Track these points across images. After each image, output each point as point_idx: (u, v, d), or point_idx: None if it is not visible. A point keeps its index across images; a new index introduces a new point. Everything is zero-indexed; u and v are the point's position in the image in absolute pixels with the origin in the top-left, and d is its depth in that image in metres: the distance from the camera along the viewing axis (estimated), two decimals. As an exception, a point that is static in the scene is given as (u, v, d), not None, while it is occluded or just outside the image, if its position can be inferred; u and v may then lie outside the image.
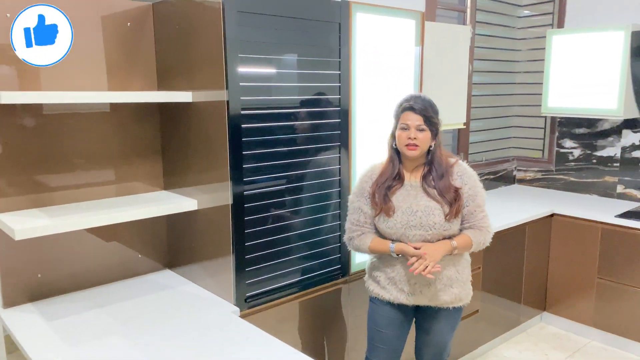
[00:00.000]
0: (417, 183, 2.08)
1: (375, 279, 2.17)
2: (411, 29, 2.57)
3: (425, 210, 2.02)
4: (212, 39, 1.95)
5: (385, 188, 2.07)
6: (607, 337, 3.53)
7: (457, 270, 2.12)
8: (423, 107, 2.01)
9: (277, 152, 2.15)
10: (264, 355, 1.72)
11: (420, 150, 2.03)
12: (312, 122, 2.26)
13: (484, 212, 2.12)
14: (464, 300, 2.16)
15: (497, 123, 4.42)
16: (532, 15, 4.36)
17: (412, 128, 2.01)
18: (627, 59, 3.41)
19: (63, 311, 2.02)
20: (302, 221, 2.29)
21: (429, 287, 2.07)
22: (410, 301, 2.10)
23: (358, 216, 2.13)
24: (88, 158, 2.16)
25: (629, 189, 3.86)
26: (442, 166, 2.06)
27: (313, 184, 2.30)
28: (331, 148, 2.33)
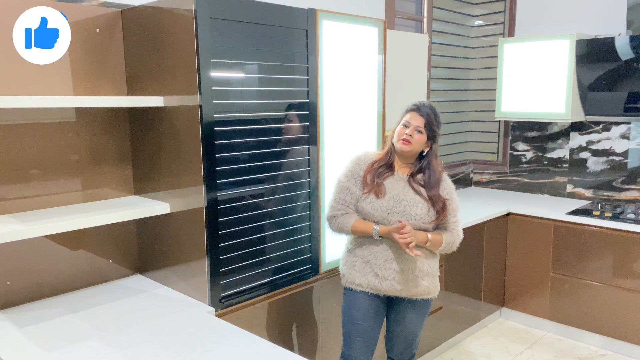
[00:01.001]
0: (404, 177, 2.21)
1: (351, 264, 2.25)
2: (374, 36, 2.67)
3: (411, 202, 2.15)
4: (184, 44, 1.99)
5: (379, 172, 2.19)
6: (562, 328, 3.72)
7: (429, 264, 2.23)
8: (428, 113, 2.17)
9: (250, 155, 2.20)
10: (243, 350, 1.76)
11: (412, 148, 2.16)
12: (283, 126, 2.32)
13: (456, 217, 2.26)
14: (432, 293, 2.27)
15: (454, 128, 4.60)
16: (485, 25, 4.57)
17: (411, 127, 2.16)
18: (573, 66, 3.63)
19: (35, 318, 2.00)
20: (275, 222, 2.34)
21: (402, 275, 2.17)
22: (383, 287, 2.18)
23: (345, 195, 2.22)
24: (53, 167, 2.15)
25: (577, 188, 4.09)
26: (436, 175, 2.21)
27: (284, 186, 2.36)
28: (301, 150, 2.40)
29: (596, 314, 3.52)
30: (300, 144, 2.39)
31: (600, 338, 3.54)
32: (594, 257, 3.49)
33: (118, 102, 2.14)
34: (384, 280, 2.18)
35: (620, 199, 3.87)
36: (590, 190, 4.02)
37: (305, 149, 2.41)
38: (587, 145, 4.00)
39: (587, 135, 3.99)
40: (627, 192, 3.84)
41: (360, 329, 2.26)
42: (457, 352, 3.53)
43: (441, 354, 3.48)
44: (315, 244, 2.52)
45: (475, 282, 3.70)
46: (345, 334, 2.30)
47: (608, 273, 3.44)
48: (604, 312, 3.49)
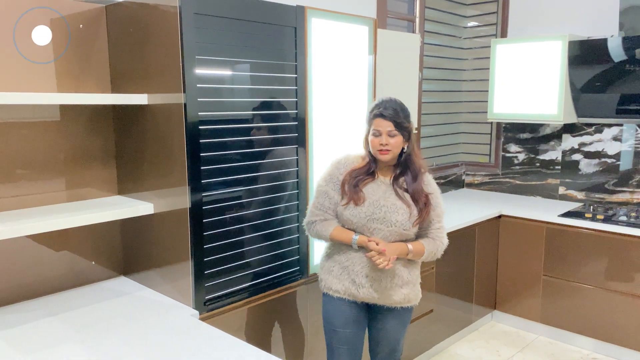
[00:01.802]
0: (387, 181, 2.13)
1: (329, 269, 2.18)
2: (364, 35, 2.64)
3: (391, 208, 2.07)
4: (168, 41, 1.94)
5: (357, 180, 2.10)
6: (553, 331, 3.69)
7: (409, 271, 2.16)
8: (393, 113, 2.04)
9: (236, 154, 2.16)
10: (228, 355, 1.71)
11: (392, 154, 2.08)
12: (270, 125, 2.28)
13: (441, 223, 2.18)
14: (412, 302, 2.20)
15: (446, 129, 4.57)
16: (477, 26, 4.55)
17: (383, 134, 2.05)
18: (565, 67, 3.61)
19: (13, 321, 1.94)
20: (261, 223, 2.30)
21: (380, 282, 2.10)
22: (360, 294, 2.11)
23: (323, 200, 2.14)
24: (35, 166, 2.10)
25: (570, 190, 4.07)
26: (416, 168, 2.12)
27: (272, 186, 2.31)
28: (289, 150, 2.36)
29: (588, 317, 3.50)
30: (288, 144, 2.35)
31: (592, 341, 3.52)
32: (586, 260, 3.46)
33: (101, 100, 2.09)
34: (361, 287, 2.10)
35: (613, 201, 3.85)
36: (583, 193, 4.00)
37: (294, 149, 2.37)
38: (580, 147, 3.98)
39: (580, 137, 3.97)
40: (619, 194, 3.82)
41: (342, 337, 2.19)
42: (448, 356, 3.49)
43: (432, 358, 3.44)
44: (303, 246, 2.47)
45: (466, 285, 3.67)
46: (328, 341, 2.24)
47: (600, 276, 3.42)
48: (595, 315, 3.46)
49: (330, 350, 2.24)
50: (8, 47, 1.97)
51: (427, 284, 3.25)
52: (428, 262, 3.18)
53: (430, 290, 3.29)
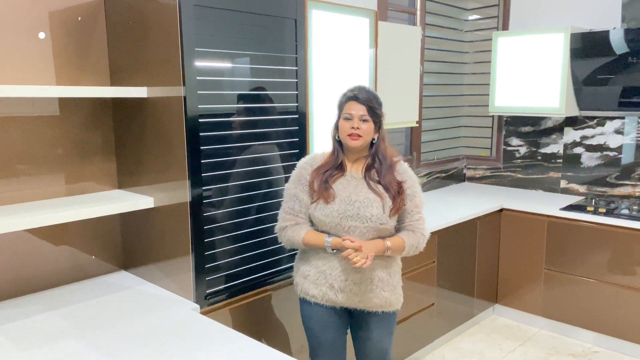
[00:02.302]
0: (359, 175, 2.04)
1: (304, 274, 2.08)
2: (365, 27, 2.62)
3: (364, 202, 1.98)
4: (168, 33, 1.92)
5: (326, 176, 2.02)
6: (555, 325, 3.69)
7: (389, 274, 2.06)
8: (367, 98, 1.98)
9: (236, 148, 2.14)
10: (228, 348, 1.70)
11: (363, 141, 1.99)
12: (270, 118, 2.26)
13: (420, 213, 2.08)
14: (394, 306, 2.10)
15: (447, 123, 4.55)
16: (479, 18, 4.52)
17: (355, 118, 1.97)
18: (567, 59, 3.59)
19: (12, 315, 1.93)
20: (262, 217, 2.29)
21: (359, 286, 2.01)
22: (339, 299, 2.02)
23: (293, 204, 2.05)
24: (34, 161, 2.08)
25: (571, 183, 4.05)
26: (387, 160, 2.04)
27: (272, 180, 2.30)
28: (289, 143, 2.34)
29: (589, 310, 3.49)
30: (289, 137, 2.33)
31: (594, 335, 3.51)
32: (588, 253, 3.45)
33: (100, 93, 2.07)
34: (340, 292, 2.01)
35: (614, 194, 3.84)
36: (584, 186, 3.98)
37: (295, 142, 2.35)
38: (581, 141, 3.96)
39: (581, 130, 3.95)
40: (621, 187, 3.81)
41: (323, 341, 2.12)
42: (449, 349, 3.48)
43: (433, 351, 3.44)
44: (305, 240, 2.46)
45: (467, 279, 3.66)
46: (310, 346, 2.18)
47: (602, 269, 3.41)
48: (597, 309, 3.46)
49: (314, 354, 2.16)
50: (7, 40, 1.95)
51: (428, 277, 3.25)
52: (429, 256, 3.19)
53: (431, 284, 3.28)
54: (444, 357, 3.39)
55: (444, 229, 3.27)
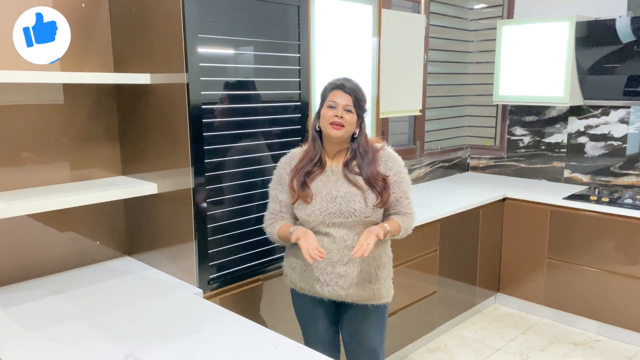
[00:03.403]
0: (338, 169, 1.99)
1: (292, 265, 2.09)
2: (368, 15, 2.61)
3: (346, 197, 1.94)
4: (171, 19, 1.93)
5: (304, 174, 1.98)
6: (556, 314, 3.70)
7: (377, 266, 2.02)
8: (353, 89, 1.95)
9: (239, 134, 2.15)
10: (230, 332, 1.72)
11: (345, 131, 1.94)
12: (272, 105, 2.27)
13: (409, 198, 2.04)
14: (384, 298, 2.06)
15: (451, 112, 4.54)
16: (484, 7, 4.50)
17: (339, 107, 1.92)
18: (572, 48, 3.57)
19: (19, 299, 1.96)
20: (265, 203, 2.29)
21: (346, 279, 1.97)
22: (325, 292, 1.99)
23: (274, 205, 2.06)
24: (39, 149, 2.10)
25: (575, 173, 4.05)
26: (369, 154, 1.98)
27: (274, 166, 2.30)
28: (292, 131, 2.35)
29: (591, 299, 3.50)
30: (292, 124, 2.34)
31: (595, 324, 3.52)
32: (590, 243, 3.46)
33: (103, 79, 2.08)
34: (326, 285, 1.97)
35: (618, 184, 3.83)
36: (588, 176, 3.98)
37: (297, 129, 2.36)
38: (586, 130, 3.95)
39: (586, 119, 3.94)
40: (625, 177, 3.80)
41: (313, 331, 2.15)
42: (450, 337, 3.51)
43: (435, 339, 3.46)
44: (307, 227, 2.47)
45: (470, 268, 3.67)
46: (304, 335, 2.20)
47: (604, 259, 3.41)
48: (599, 298, 3.46)
49: (308, 342, 2.17)
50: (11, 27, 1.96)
51: (431, 266, 3.26)
52: (431, 245, 3.20)
53: (433, 272, 3.30)
54: (446, 344, 3.41)
55: (447, 218, 3.28)
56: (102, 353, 1.58)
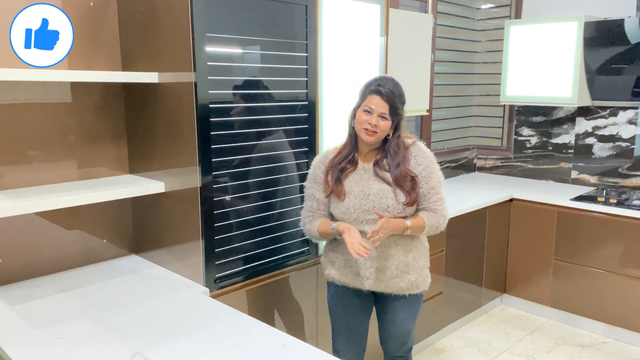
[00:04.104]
0: (369, 167, 2.05)
1: (332, 260, 2.15)
2: (376, 14, 2.61)
3: (378, 194, 1.99)
4: (179, 18, 1.93)
5: (339, 171, 2.04)
6: (563, 315, 3.68)
7: (415, 257, 2.08)
8: (391, 95, 1.96)
9: (246, 133, 2.15)
10: (236, 330, 1.73)
11: (377, 137, 1.99)
12: (280, 104, 2.27)
13: (438, 194, 2.06)
14: (420, 287, 2.12)
15: (458, 112, 4.53)
16: (491, 7, 4.48)
17: (375, 114, 1.96)
18: (581, 49, 3.55)
19: (26, 296, 1.97)
20: (271, 203, 2.30)
21: (385, 272, 2.04)
22: (365, 286, 2.07)
23: (311, 203, 2.12)
24: (47, 147, 2.11)
25: (582, 174, 4.02)
26: (399, 154, 2.01)
27: (282, 166, 2.31)
28: (299, 130, 2.35)
29: (598, 301, 3.48)
30: (298, 124, 2.34)
31: (602, 325, 3.50)
32: (598, 244, 3.44)
33: (111, 77, 2.08)
34: (366, 279, 2.06)
35: (626, 185, 3.81)
36: (596, 177, 3.95)
37: (304, 129, 2.36)
38: (593, 131, 3.93)
39: (594, 120, 3.92)
40: (633, 178, 3.78)
41: (344, 324, 2.19)
42: (456, 338, 3.50)
43: (440, 340, 3.45)
44: (313, 226, 2.47)
45: (476, 268, 3.66)
46: (332, 326, 2.25)
47: (611, 260, 3.39)
48: (606, 300, 3.44)
49: (334, 333, 2.24)
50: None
51: (437, 266, 3.25)
52: (437, 245, 3.19)
53: (439, 273, 3.29)
54: (452, 345, 3.40)
55: (453, 218, 3.26)
56: (108, 351, 1.58)
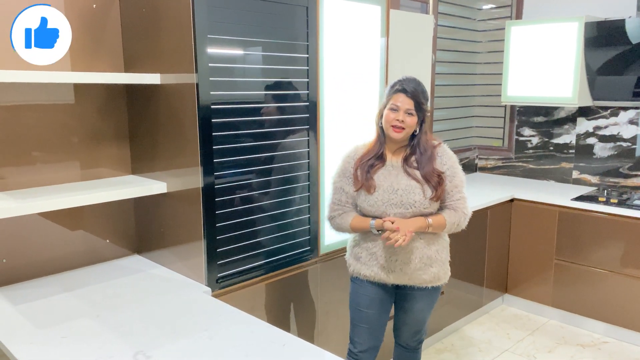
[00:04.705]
0: (398, 164, 2.13)
1: (357, 255, 2.21)
2: (376, 15, 2.62)
3: (406, 189, 2.08)
4: (181, 20, 1.95)
5: (368, 166, 2.12)
6: (564, 315, 3.69)
7: (437, 250, 2.17)
8: (415, 92, 2.07)
9: (248, 134, 2.17)
10: (238, 330, 1.74)
11: (405, 133, 2.09)
12: (281, 105, 2.28)
13: (461, 193, 2.16)
14: (442, 280, 2.22)
15: (459, 113, 4.54)
16: (492, 7, 4.49)
17: (401, 110, 2.06)
18: (581, 49, 3.56)
19: (30, 296, 1.99)
20: (273, 203, 2.31)
21: (409, 265, 2.12)
22: (390, 279, 2.14)
23: (340, 196, 2.18)
24: (50, 148, 2.12)
25: (583, 174, 4.03)
26: (428, 151, 2.12)
27: (283, 167, 2.32)
28: (300, 131, 2.36)
29: (599, 301, 3.49)
30: (299, 125, 2.35)
31: (603, 325, 3.51)
32: (599, 244, 3.44)
33: (113, 79, 2.10)
34: (390, 272, 2.13)
35: (627, 185, 3.81)
36: (597, 177, 3.96)
37: (305, 130, 2.37)
38: (594, 131, 3.93)
39: (595, 120, 3.92)
40: (634, 178, 3.78)
41: (364, 316, 2.24)
42: (458, 338, 3.50)
43: (442, 340, 3.46)
44: (314, 226, 2.49)
45: (477, 268, 3.67)
46: (351, 319, 2.30)
47: (613, 260, 3.40)
48: (607, 300, 3.45)
49: (353, 326, 2.29)
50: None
51: (438, 266, 3.26)
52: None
53: (441, 272, 3.29)
54: (453, 345, 3.41)
55: (454, 218, 3.27)
56: (111, 350, 1.60)
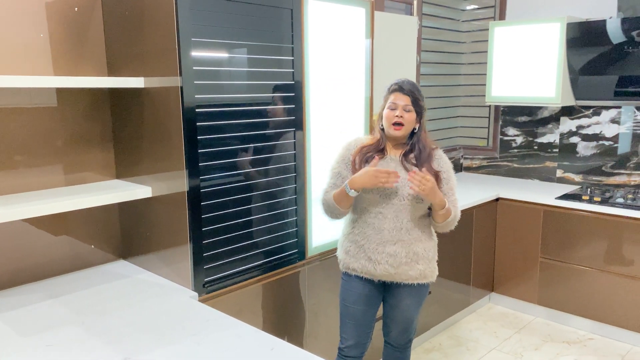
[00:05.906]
0: (397, 158, 2.19)
1: (346, 249, 2.25)
2: (361, 17, 2.62)
3: (402, 182, 2.11)
4: (164, 23, 1.93)
5: (368, 156, 2.17)
6: (550, 313, 3.73)
7: (424, 248, 2.20)
8: (411, 89, 2.13)
9: (233, 137, 2.16)
10: (226, 334, 1.73)
11: (405, 130, 2.14)
12: (266, 108, 2.28)
13: (454, 195, 2.23)
14: (428, 278, 2.25)
15: (444, 113, 4.56)
16: (476, 8, 4.52)
17: (399, 107, 2.12)
18: (564, 49, 3.60)
19: (14, 303, 1.96)
20: (259, 206, 2.31)
21: (395, 258, 2.14)
22: (377, 271, 2.16)
23: (336, 180, 2.22)
24: (33, 152, 2.10)
25: (567, 173, 4.08)
26: (427, 149, 2.18)
27: (269, 169, 2.32)
28: (287, 134, 2.36)
29: (585, 298, 3.53)
30: (286, 127, 2.35)
31: (589, 322, 3.55)
32: (583, 242, 3.48)
33: (97, 83, 2.08)
34: (378, 264, 2.15)
35: (610, 183, 3.86)
36: (580, 175, 4.01)
37: (291, 132, 2.37)
38: (577, 130, 3.98)
39: (577, 119, 3.97)
40: (616, 176, 3.83)
41: (351, 312, 2.26)
42: (445, 337, 3.52)
43: (430, 339, 3.48)
44: (302, 229, 2.48)
45: (464, 267, 3.70)
46: (340, 315, 2.33)
47: (597, 257, 3.44)
48: (592, 297, 3.49)
49: (341, 323, 2.32)
50: (3, 31, 1.96)
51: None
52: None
53: (428, 272, 3.31)
54: (441, 344, 3.43)
55: (441, 218, 3.29)
56: (98, 357, 1.58)
